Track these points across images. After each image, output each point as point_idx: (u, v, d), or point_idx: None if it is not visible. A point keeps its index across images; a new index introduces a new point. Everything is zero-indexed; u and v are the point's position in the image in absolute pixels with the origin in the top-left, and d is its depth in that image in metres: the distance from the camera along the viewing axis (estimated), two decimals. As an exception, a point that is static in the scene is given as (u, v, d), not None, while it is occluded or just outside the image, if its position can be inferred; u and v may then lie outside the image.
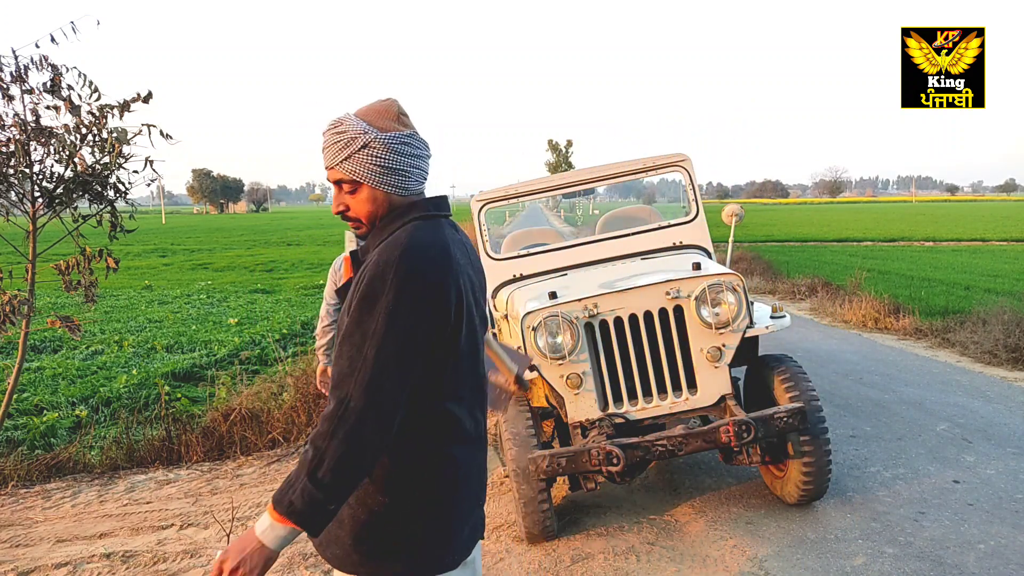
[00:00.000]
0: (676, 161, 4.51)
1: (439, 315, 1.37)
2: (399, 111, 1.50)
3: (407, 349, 1.33)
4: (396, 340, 1.32)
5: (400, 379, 1.32)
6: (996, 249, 20.21)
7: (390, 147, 1.44)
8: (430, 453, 1.46)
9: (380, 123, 1.46)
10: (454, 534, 1.50)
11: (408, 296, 1.33)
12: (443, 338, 1.40)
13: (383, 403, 1.31)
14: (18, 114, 4.20)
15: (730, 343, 3.50)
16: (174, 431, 5.32)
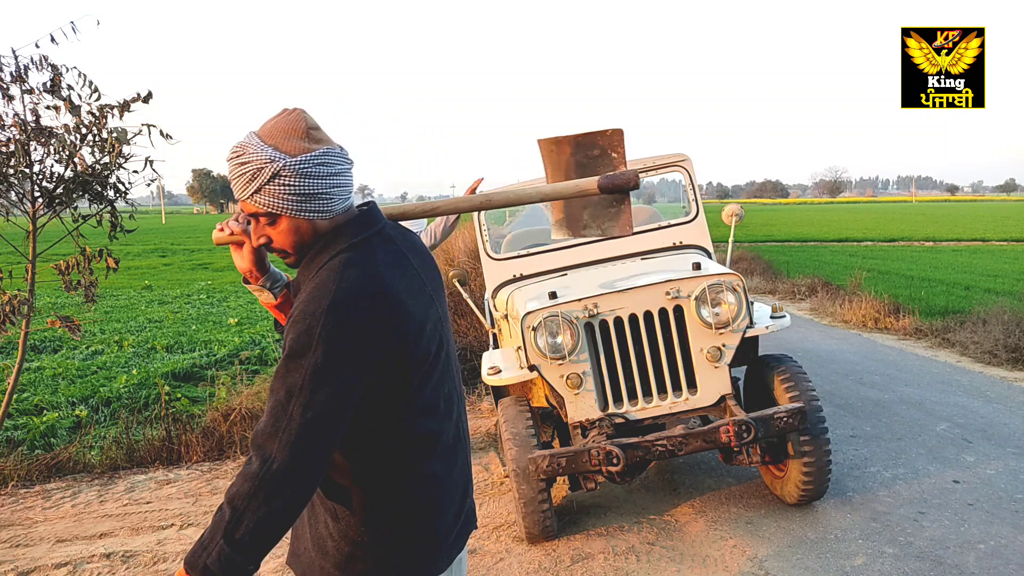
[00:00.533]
0: (676, 161, 4.51)
1: (374, 363, 1.29)
2: (307, 126, 1.35)
3: (335, 407, 1.25)
4: (324, 399, 1.24)
5: (328, 438, 1.26)
6: (996, 249, 20.20)
7: (303, 172, 1.31)
8: (407, 474, 1.42)
9: (288, 145, 1.32)
10: (440, 546, 1.48)
11: (336, 353, 1.24)
12: (392, 374, 1.33)
13: (309, 464, 1.24)
14: (18, 114, 4.20)
15: (730, 343, 3.50)
16: (174, 431, 5.32)
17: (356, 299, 1.27)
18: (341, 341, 1.25)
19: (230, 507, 1.24)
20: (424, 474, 1.43)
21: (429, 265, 1.54)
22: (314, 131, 1.36)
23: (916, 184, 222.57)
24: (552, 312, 3.45)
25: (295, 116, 1.36)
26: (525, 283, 4.35)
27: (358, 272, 1.31)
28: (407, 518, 1.43)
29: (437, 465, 1.45)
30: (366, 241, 1.38)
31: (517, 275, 4.47)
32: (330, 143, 1.37)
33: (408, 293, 1.37)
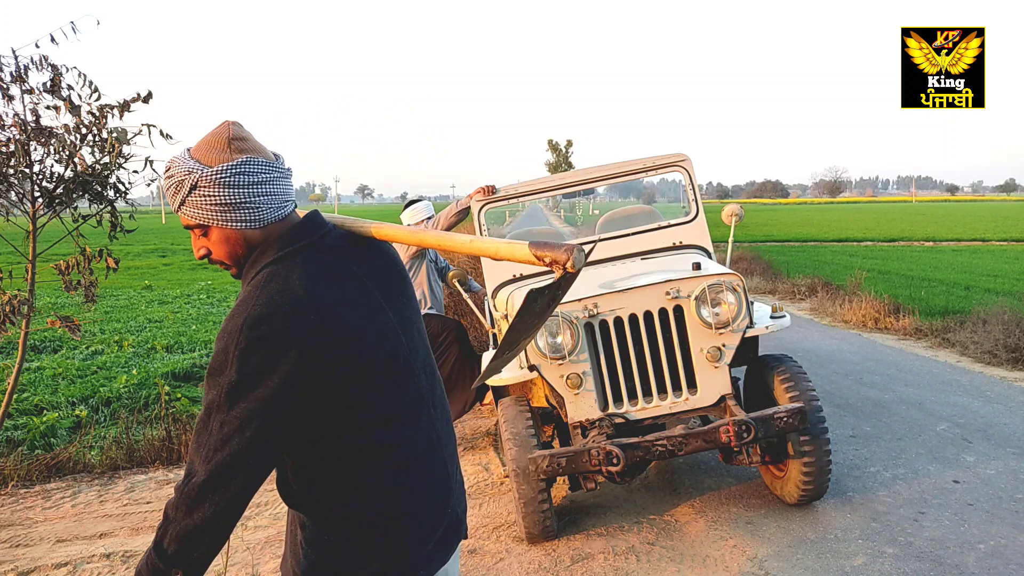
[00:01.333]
0: (676, 161, 4.51)
1: (294, 377, 1.27)
2: (231, 136, 1.36)
3: (253, 422, 1.26)
4: (239, 414, 1.26)
5: (246, 453, 1.27)
6: (996, 249, 20.21)
7: (220, 182, 1.32)
8: (369, 485, 1.42)
9: (208, 157, 1.34)
10: (411, 556, 1.47)
11: (249, 369, 1.25)
12: (326, 385, 1.32)
13: (226, 477, 1.27)
14: (18, 114, 4.20)
15: (730, 343, 3.50)
16: (174, 431, 5.32)
17: (271, 315, 1.27)
18: (254, 358, 1.26)
19: (163, 517, 1.30)
20: (385, 484, 1.43)
21: (385, 273, 1.52)
22: (238, 141, 1.36)
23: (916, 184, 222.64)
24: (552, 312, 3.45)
25: (220, 129, 1.38)
26: (524, 283, 4.35)
27: (278, 287, 1.31)
28: (371, 528, 1.43)
29: (401, 475, 1.45)
30: (293, 254, 1.38)
31: (517, 275, 4.47)
32: (255, 153, 1.37)
33: (344, 303, 1.36)
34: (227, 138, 1.36)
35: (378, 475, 1.42)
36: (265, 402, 1.27)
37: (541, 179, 4.74)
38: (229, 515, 1.30)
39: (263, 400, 1.26)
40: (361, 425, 1.39)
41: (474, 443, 5.29)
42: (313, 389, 1.30)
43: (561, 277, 1.32)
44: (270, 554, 3.70)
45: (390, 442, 1.43)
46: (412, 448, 1.47)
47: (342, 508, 1.42)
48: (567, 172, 4.83)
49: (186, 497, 1.28)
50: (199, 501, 1.27)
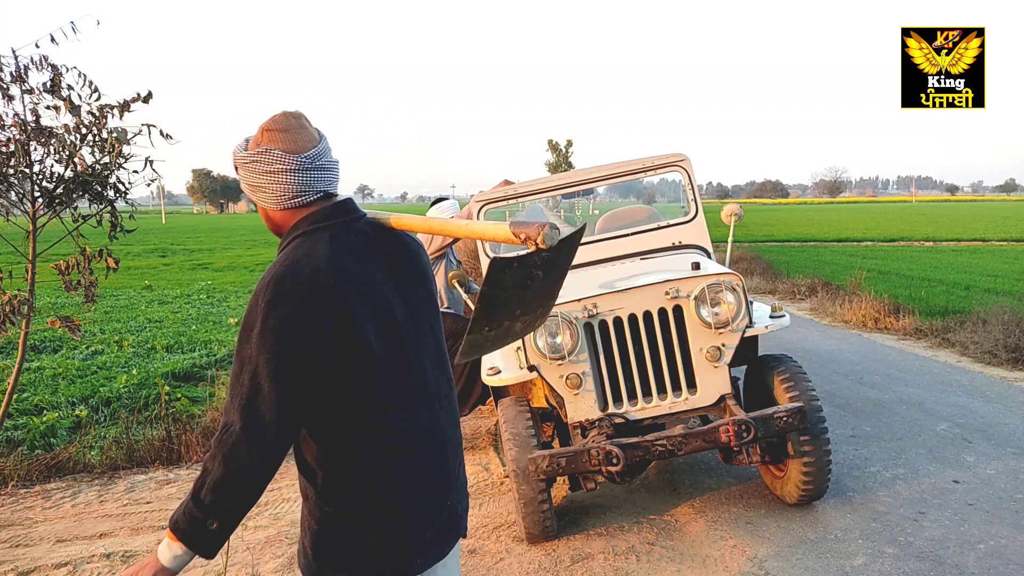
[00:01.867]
0: (675, 161, 4.51)
1: (312, 337, 1.37)
2: (267, 127, 1.50)
3: (280, 370, 1.35)
4: (267, 366, 1.34)
5: (277, 401, 1.35)
6: (996, 249, 20.20)
7: (245, 166, 1.50)
8: (368, 464, 1.48)
9: (252, 144, 1.51)
10: (407, 542, 1.51)
11: (273, 324, 1.36)
12: (337, 354, 1.40)
13: (259, 426, 1.34)
14: (18, 114, 4.20)
15: (729, 343, 3.50)
16: (174, 431, 5.32)
17: (295, 274, 1.39)
18: (277, 310, 1.36)
19: (202, 467, 1.38)
20: (386, 466, 1.49)
21: (404, 264, 1.60)
22: (271, 132, 1.49)
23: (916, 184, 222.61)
24: (551, 312, 3.45)
25: (268, 119, 1.52)
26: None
27: (304, 252, 1.44)
28: (368, 506, 1.49)
29: (400, 459, 1.50)
30: (322, 229, 1.49)
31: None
32: (280, 144, 1.48)
33: (360, 276, 1.46)
34: (264, 128, 1.50)
35: (376, 454, 1.48)
36: (289, 352, 1.36)
37: (541, 179, 4.73)
38: (263, 466, 1.37)
39: (288, 349, 1.35)
40: (362, 401, 1.46)
41: (474, 443, 5.29)
42: (325, 346, 1.39)
43: (534, 252, 1.35)
44: (270, 554, 3.70)
45: (392, 424, 1.49)
46: (412, 435, 1.52)
47: (342, 482, 1.48)
48: (567, 172, 4.82)
49: (222, 448, 1.35)
50: (234, 451, 1.34)
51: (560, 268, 1.52)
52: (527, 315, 1.54)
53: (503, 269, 1.36)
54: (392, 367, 1.49)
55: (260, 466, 1.37)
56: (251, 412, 1.35)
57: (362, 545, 1.49)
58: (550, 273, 1.47)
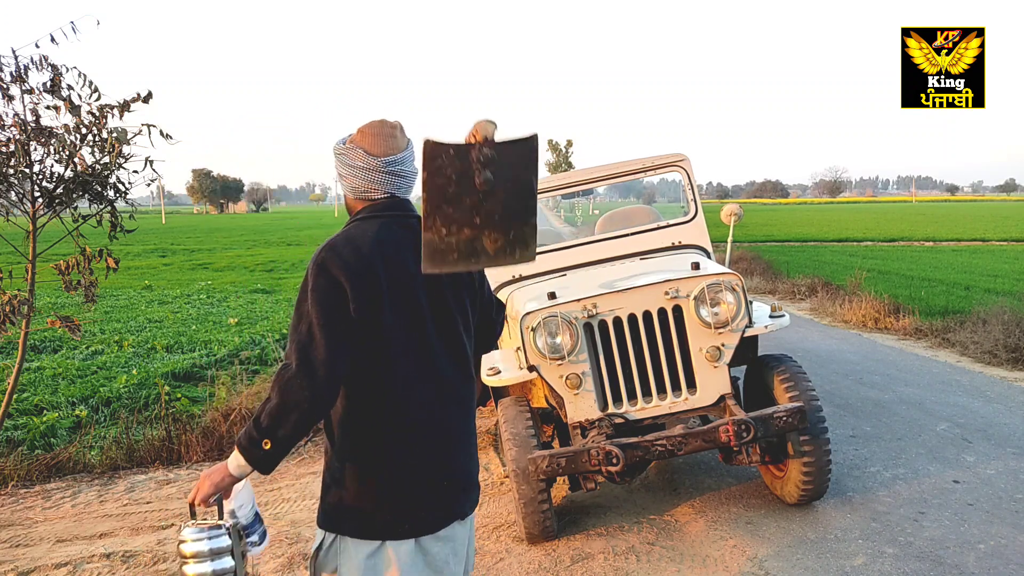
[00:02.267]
0: (674, 161, 4.51)
1: (337, 299, 1.62)
2: (361, 128, 1.77)
3: (329, 319, 1.61)
4: (318, 313, 1.61)
5: (328, 344, 1.60)
6: (996, 249, 20.21)
7: (337, 157, 1.79)
8: (373, 434, 1.70)
9: (349, 140, 1.78)
10: (403, 509, 1.71)
11: (318, 283, 1.63)
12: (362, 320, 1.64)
13: (312, 367, 1.59)
14: (18, 114, 4.20)
15: (729, 343, 3.50)
16: (174, 431, 5.32)
17: (341, 246, 1.68)
18: (324, 273, 1.64)
19: (265, 399, 1.62)
20: (388, 438, 1.70)
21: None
22: (362, 135, 1.76)
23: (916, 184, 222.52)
24: (551, 312, 3.44)
25: (370, 121, 1.79)
26: (524, 284, 4.35)
27: (354, 232, 1.72)
28: (368, 473, 1.71)
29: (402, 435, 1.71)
30: (374, 218, 1.75)
31: (516, 276, 4.47)
32: (365, 146, 1.74)
33: (395, 260, 1.70)
34: (361, 128, 1.77)
35: (382, 426, 1.70)
36: (333, 307, 1.62)
37: (541, 180, 4.74)
38: (313, 401, 1.59)
39: (332, 305, 1.62)
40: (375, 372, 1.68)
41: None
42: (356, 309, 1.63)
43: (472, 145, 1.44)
44: (270, 554, 3.70)
45: (398, 401, 1.70)
46: (412, 415, 1.71)
47: (352, 446, 1.71)
48: (566, 173, 4.83)
49: (279, 382, 1.60)
50: (289, 385, 1.59)
51: (518, 179, 1.49)
52: (493, 230, 1.50)
53: (438, 154, 1.41)
54: (405, 347, 1.69)
55: (311, 400, 1.58)
56: (305, 354, 1.59)
57: (360, 502, 1.70)
58: (506, 181, 1.47)
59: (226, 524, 1.67)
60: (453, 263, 1.50)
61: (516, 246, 1.54)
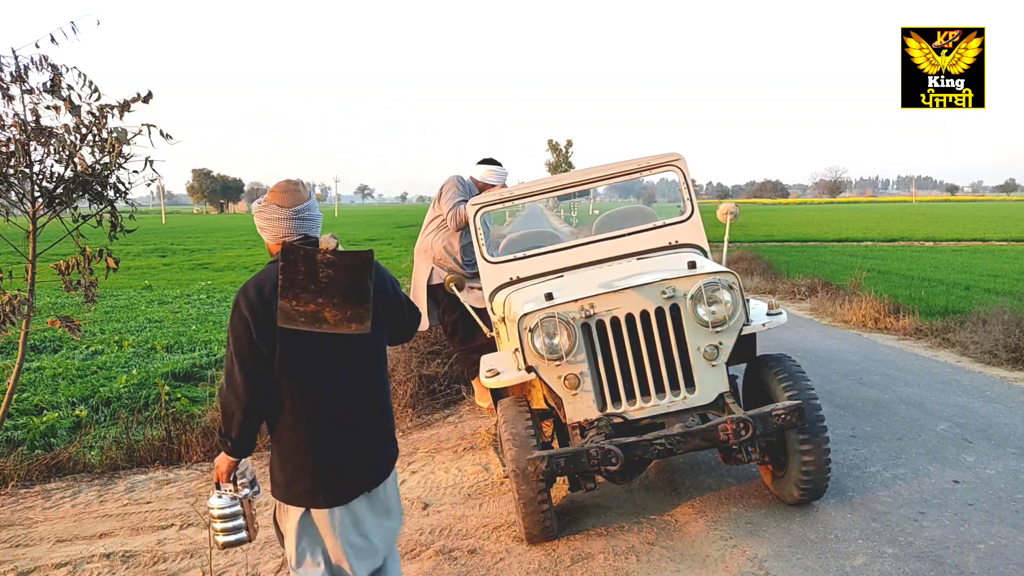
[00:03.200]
0: (670, 161, 4.50)
1: (244, 331, 2.13)
2: (274, 189, 2.28)
3: (238, 350, 2.14)
4: (232, 345, 2.15)
5: (240, 367, 2.13)
6: (996, 249, 20.21)
7: (257, 214, 2.28)
8: (295, 426, 2.21)
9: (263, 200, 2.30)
10: (318, 483, 2.22)
11: (232, 320, 2.17)
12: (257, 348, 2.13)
13: (234, 381, 2.14)
14: (18, 114, 4.20)
15: (727, 341, 3.50)
16: (174, 431, 5.32)
17: (249, 288, 2.17)
18: (235, 308, 2.16)
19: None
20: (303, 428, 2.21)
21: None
22: (272, 195, 2.27)
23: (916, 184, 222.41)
24: (549, 313, 3.44)
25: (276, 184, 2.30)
26: (521, 285, 4.35)
27: (263, 274, 2.21)
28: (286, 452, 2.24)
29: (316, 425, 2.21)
30: (273, 263, 2.22)
31: (514, 278, 4.47)
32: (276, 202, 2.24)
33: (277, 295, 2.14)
34: (272, 189, 2.29)
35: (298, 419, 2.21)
36: (243, 338, 2.13)
37: (537, 181, 4.74)
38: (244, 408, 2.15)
39: (242, 336, 2.13)
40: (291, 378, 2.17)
41: (474, 443, 5.30)
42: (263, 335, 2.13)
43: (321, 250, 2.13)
44: (270, 554, 3.70)
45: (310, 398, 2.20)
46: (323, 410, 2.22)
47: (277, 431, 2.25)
48: (562, 174, 4.83)
49: (220, 398, 2.21)
50: (224, 399, 2.19)
51: (355, 277, 2.13)
52: (333, 308, 2.11)
53: (291, 251, 2.08)
54: (318, 354, 2.18)
55: (241, 407, 2.16)
56: (229, 376, 2.16)
57: (286, 480, 2.25)
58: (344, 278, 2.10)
59: (239, 495, 2.35)
60: (301, 324, 2.10)
61: (352, 321, 2.14)
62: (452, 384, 6.56)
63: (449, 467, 4.84)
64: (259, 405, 2.16)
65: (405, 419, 5.92)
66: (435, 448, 5.26)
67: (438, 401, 6.34)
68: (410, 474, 4.79)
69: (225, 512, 2.34)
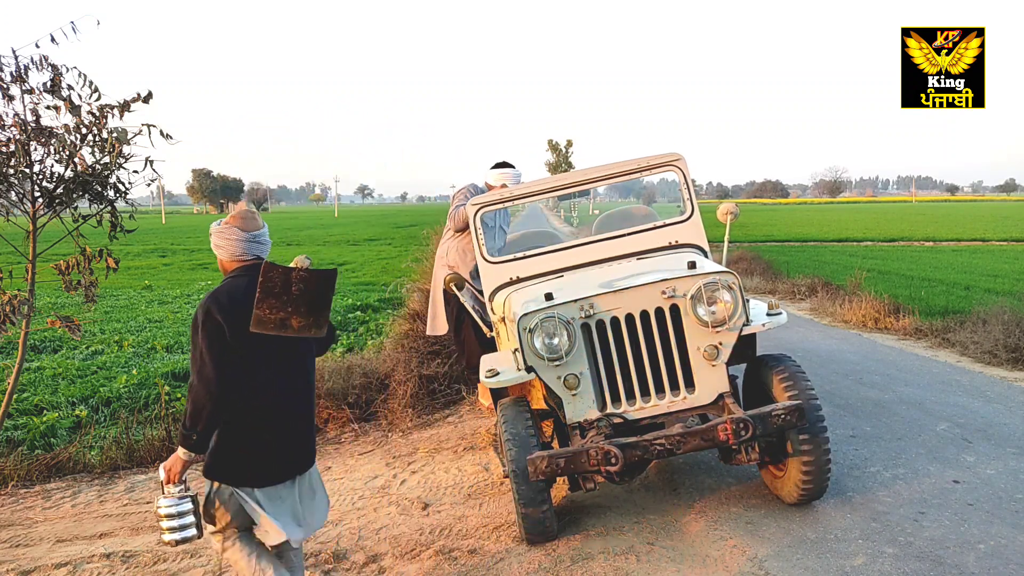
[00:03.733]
0: (670, 161, 4.50)
1: (217, 334, 2.49)
2: (235, 214, 2.72)
3: (211, 349, 2.48)
4: (205, 345, 2.48)
5: (213, 365, 2.47)
6: (996, 249, 20.21)
7: (217, 234, 2.70)
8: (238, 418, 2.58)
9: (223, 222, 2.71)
10: (251, 470, 2.64)
11: (206, 323, 2.50)
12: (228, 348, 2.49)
13: (207, 378, 2.47)
14: (18, 114, 4.20)
15: (727, 341, 3.50)
16: (174, 431, 5.32)
17: (220, 295, 2.57)
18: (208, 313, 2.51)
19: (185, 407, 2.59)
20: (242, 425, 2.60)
21: None
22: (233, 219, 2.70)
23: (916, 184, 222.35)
24: (548, 313, 3.44)
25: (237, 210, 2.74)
26: (521, 285, 4.35)
27: (223, 287, 2.62)
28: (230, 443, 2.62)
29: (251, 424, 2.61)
30: (243, 276, 2.65)
31: (514, 278, 4.47)
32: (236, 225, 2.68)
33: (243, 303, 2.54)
34: (233, 214, 2.73)
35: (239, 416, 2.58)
36: (212, 340, 2.49)
37: (536, 181, 4.74)
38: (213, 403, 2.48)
39: (211, 338, 2.49)
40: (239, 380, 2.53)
41: (474, 443, 5.30)
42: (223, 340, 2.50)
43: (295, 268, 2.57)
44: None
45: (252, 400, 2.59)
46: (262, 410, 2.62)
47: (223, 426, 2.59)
48: (561, 174, 4.83)
49: (191, 394, 2.51)
50: (196, 395, 2.49)
51: (319, 291, 2.56)
52: (299, 316, 2.53)
53: (272, 269, 2.46)
54: (262, 360, 2.59)
55: (211, 401, 2.48)
56: (202, 373, 2.48)
57: (225, 463, 2.64)
58: (311, 291, 2.52)
59: (189, 494, 2.60)
60: (271, 329, 2.49)
61: (313, 327, 2.59)
62: (452, 384, 6.56)
63: (449, 467, 4.84)
64: (226, 399, 2.49)
65: (405, 419, 5.92)
66: (435, 448, 5.26)
67: (438, 401, 6.34)
68: (410, 474, 4.79)
69: (174, 511, 2.56)
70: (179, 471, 2.57)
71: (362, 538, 3.83)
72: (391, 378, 6.33)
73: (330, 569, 3.49)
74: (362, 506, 4.29)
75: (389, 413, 5.98)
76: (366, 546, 3.73)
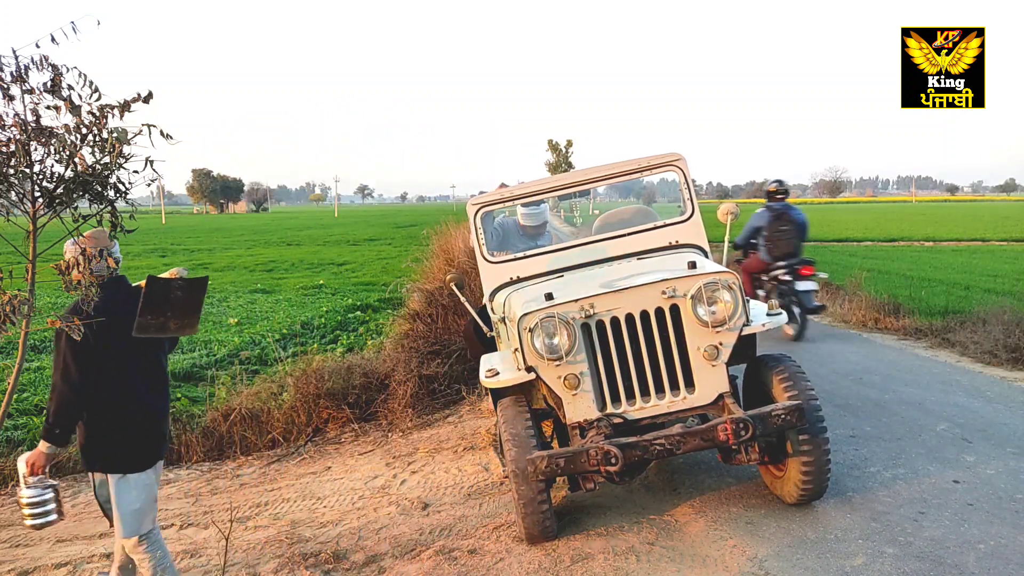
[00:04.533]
0: (670, 161, 4.50)
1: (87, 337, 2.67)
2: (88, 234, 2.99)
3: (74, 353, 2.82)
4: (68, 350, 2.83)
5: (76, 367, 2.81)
6: (996, 249, 20.21)
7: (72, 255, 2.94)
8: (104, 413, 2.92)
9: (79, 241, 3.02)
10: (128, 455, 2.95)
11: (63, 332, 2.69)
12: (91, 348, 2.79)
13: (70, 378, 2.81)
14: (18, 114, 4.19)
15: (727, 341, 3.50)
16: (174, 431, 5.32)
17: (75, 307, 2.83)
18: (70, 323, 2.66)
19: (48, 404, 2.88)
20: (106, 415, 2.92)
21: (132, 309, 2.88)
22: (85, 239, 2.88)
23: (916, 184, 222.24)
24: (548, 313, 3.44)
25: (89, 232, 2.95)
26: (521, 285, 4.35)
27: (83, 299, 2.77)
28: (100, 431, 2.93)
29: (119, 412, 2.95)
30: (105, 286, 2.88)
31: (514, 278, 4.47)
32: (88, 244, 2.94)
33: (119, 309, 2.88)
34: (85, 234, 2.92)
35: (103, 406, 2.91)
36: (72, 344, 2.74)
37: (536, 181, 4.74)
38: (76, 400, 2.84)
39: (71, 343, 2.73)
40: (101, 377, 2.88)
41: (474, 443, 5.30)
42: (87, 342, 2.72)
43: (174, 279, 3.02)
44: (271, 554, 3.70)
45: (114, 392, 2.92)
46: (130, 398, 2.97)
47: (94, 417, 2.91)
48: (561, 174, 4.83)
49: (55, 392, 2.84)
50: (60, 393, 2.83)
51: (193, 296, 2.93)
52: (176, 319, 2.89)
53: (155, 281, 2.85)
54: (124, 361, 2.95)
55: (74, 400, 2.82)
56: (66, 374, 2.81)
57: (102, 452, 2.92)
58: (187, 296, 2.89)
59: (54, 483, 2.88)
60: (152, 332, 2.84)
61: (186, 327, 2.95)
62: (452, 384, 6.56)
63: (449, 467, 4.85)
64: (85, 398, 2.82)
65: (405, 419, 5.92)
66: (435, 448, 5.26)
67: (438, 401, 6.34)
68: (410, 474, 4.79)
69: (36, 500, 2.84)
70: (42, 464, 2.82)
71: (362, 538, 3.83)
72: (391, 378, 6.33)
73: (330, 569, 3.49)
74: (362, 506, 4.29)
75: (389, 413, 5.98)
76: (366, 546, 3.73)
